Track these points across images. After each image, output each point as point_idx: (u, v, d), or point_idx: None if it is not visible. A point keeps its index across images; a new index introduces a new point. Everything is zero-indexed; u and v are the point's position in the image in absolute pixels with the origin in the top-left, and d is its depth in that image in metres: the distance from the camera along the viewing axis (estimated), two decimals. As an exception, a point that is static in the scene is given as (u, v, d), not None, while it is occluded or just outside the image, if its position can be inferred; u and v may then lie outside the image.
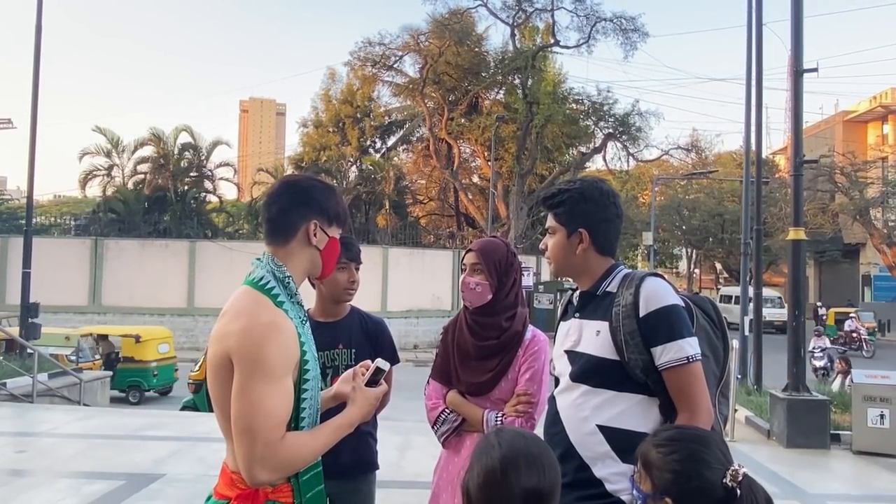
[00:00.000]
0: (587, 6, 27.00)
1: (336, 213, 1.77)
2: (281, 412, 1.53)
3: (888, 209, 30.99)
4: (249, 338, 1.52)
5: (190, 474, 5.76)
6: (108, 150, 29.03)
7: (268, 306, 1.59)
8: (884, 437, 6.99)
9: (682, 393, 1.80)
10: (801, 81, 8.14)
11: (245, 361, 1.51)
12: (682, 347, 1.80)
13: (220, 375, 1.58)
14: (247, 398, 1.49)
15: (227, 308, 1.64)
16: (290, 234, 1.70)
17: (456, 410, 2.37)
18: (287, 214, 1.70)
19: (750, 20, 12.35)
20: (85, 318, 21.59)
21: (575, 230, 1.98)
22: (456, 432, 2.37)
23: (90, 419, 8.54)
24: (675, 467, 1.35)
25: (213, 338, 1.62)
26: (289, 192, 1.73)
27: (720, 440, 1.41)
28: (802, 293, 8.14)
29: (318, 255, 1.75)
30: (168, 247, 23.55)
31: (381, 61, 29.98)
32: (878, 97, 40.68)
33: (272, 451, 1.49)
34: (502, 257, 2.38)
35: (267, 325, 1.54)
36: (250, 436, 1.48)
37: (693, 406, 1.79)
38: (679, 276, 58.56)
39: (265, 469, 1.49)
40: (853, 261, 39.10)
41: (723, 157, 42.50)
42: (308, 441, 1.59)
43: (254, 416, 1.48)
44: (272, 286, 1.64)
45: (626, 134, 29.38)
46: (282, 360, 1.54)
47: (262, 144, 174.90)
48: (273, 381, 1.52)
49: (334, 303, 2.61)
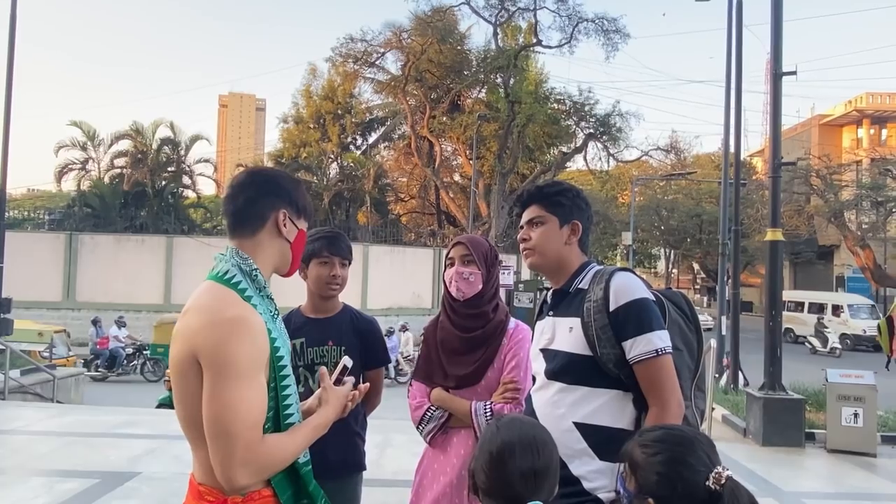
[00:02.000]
0: (569, 6, 27.16)
1: (304, 205, 1.72)
2: (257, 411, 1.46)
3: (862, 212, 31.56)
4: (216, 335, 1.44)
5: (165, 472, 5.67)
6: (84, 144, 28.63)
7: (234, 300, 1.51)
8: (857, 436, 7.11)
9: (653, 386, 1.80)
10: (779, 84, 8.23)
11: (213, 361, 1.43)
12: (652, 340, 1.81)
13: (185, 376, 1.48)
14: (220, 400, 1.42)
15: (189, 304, 1.57)
16: (259, 225, 1.63)
17: (442, 406, 2.38)
18: (254, 204, 1.63)
19: (730, 24, 12.49)
20: (58, 313, 21.27)
21: (569, 221, 2.02)
22: (442, 429, 2.37)
23: (63, 416, 8.39)
24: (659, 469, 1.36)
25: (175, 335, 1.53)
26: (256, 181, 1.66)
27: (707, 441, 1.41)
28: (779, 293, 8.25)
29: (289, 248, 1.68)
30: (144, 242, 23.25)
31: (363, 58, 29.85)
32: (853, 101, 41.43)
33: (253, 453, 1.42)
34: (488, 250, 2.46)
35: (233, 321, 1.46)
36: (229, 439, 1.41)
37: (663, 399, 1.79)
38: (657, 275, 59.16)
39: (246, 472, 1.43)
40: (827, 262, 39.79)
41: (701, 159, 43.05)
42: (286, 442, 1.53)
43: (230, 418, 1.41)
44: (238, 280, 1.56)
45: (606, 134, 29.57)
46: (251, 357, 1.46)
47: (241, 140, 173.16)
48: (245, 380, 1.44)
49: (321, 298, 2.58)
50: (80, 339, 20.66)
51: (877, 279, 30.91)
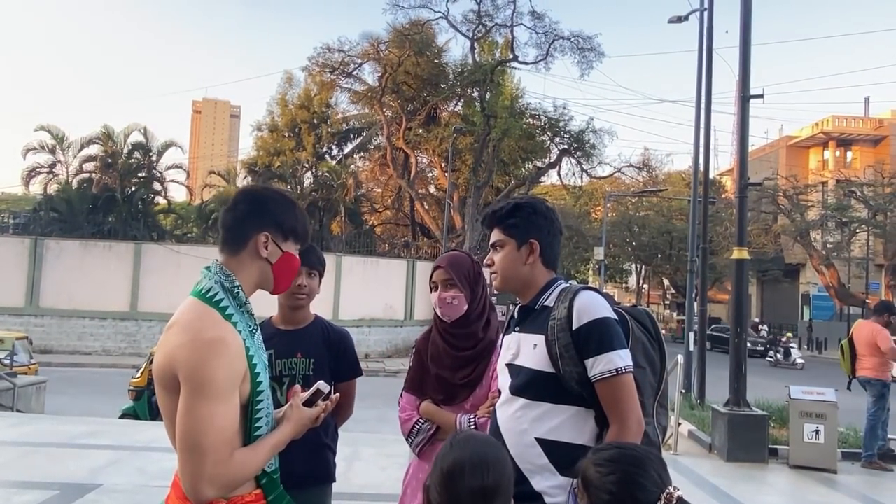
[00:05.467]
0: (546, 24, 27.50)
1: (293, 227, 1.74)
2: (228, 430, 1.52)
3: (827, 232, 32.32)
4: (194, 356, 1.50)
5: (128, 485, 5.55)
6: (53, 147, 28.07)
7: (214, 321, 1.56)
8: (819, 452, 7.25)
9: (613, 404, 1.83)
10: (747, 107, 8.43)
11: (190, 380, 1.49)
12: (613, 360, 1.83)
13: (166, 389, 1.55)
14: (193, 417, 1.48)
15: (174, 319, 1.61)
16: (241, 245, 1.68)
17: (430, 419, 2.40)
18: (240, 224, 1.68)
19: (701, 47, 12.77)
20: (21, 320, 20.75)
21: (525, 241, 2.03)
22: (430, 442, 2.40)
23: (23, 426, 8.18)
24: (611, 489, 1.38)
25: (159, 350, 1.59)
26: (245, 201, 1.71)
27: (658, 461, 1.44)
28: (745, 311, 8.40)
29: (270, 269, 1.72)
30: (112, 248, 22.81)
31: (339, 68, 29.83)
32: (819, 124, 42.52)
33: (222, 469, 1.49)
34: (470, 268, 2.45)
35: (211, 343, 1.51)
36: (198, 454, 1.47)
37: (622, 418, 1.82)
38: (628, 290, 59.76)
39: (213, 487, 1.49)
40: (793, 280, 40.63)
41: (672, 177, 43.78)
42: (251, 457, 1.58)
43: (201, 434, 1.47)
44: (220, 298, 1.61)
45: (580, 150, 29.90)
46: (227, 377, 1.52)
47: (214, 147, 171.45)
48: (219, 400, 1.50)
49: (290, 309, 2.56)
50: (43, 346, 20.20)
51: (841, 298, 31.63)
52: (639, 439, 1.82)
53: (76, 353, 21.08)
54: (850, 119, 42.53)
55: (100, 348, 21.46)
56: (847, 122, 42.24)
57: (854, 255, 31.97)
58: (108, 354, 21.16)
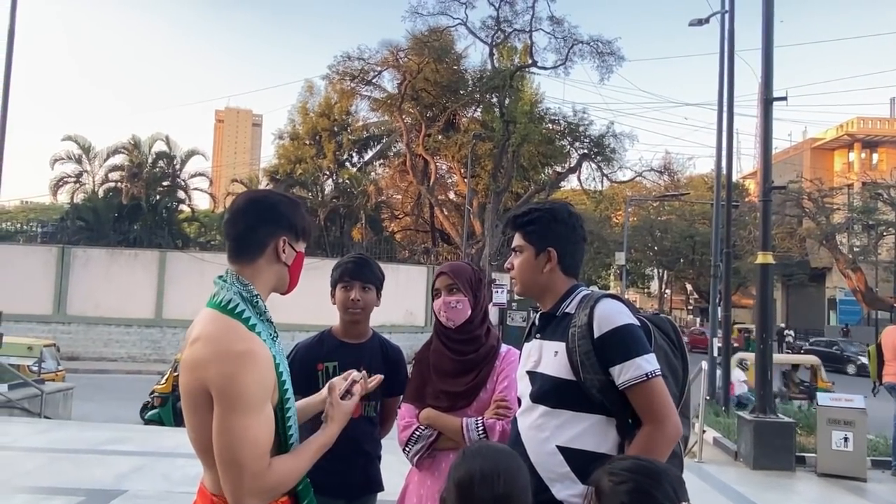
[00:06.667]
0: (565, 29, 27.42)
1: (303, 227, 1.75)
2: (264, 441, 1.53)
3: (853, 235, 31.78)
4: (226, 370, 1.49)
5: (152, 491, 5.61)
6: (80, 157, 28.62)
7: (241, 333, 1.56)
8: (847, 460, 7.10)
9: (648, 409, 1.80)
10: (770, 109, 8.33)
11: (223, 395, 1.49)
12: (640, 365, 1.81)
13: (195, 404, 1.55)
14: (230, 432, 1.49)
15: (197, 333, 1.59)
16: (258, 252, 1.67)
17: (432, 425, 2.35)
18: (255, 231, 1.67)
19: (722, 49, 12.67)
20: (49, 327, 21.11)
21: (543, 249, 2.02)
22: (429, 451, 2.35)
23: (51, 432, 8.31)
24: (624, 499, 1.37)
25: (185, 365, 1.58)
26: (256, 208, 1.69)
27: (676, 477, 1.42)
28: (770, 316, 8.28)
29: (286, 271, 1.72)
30: (137, 256, 23.16)
31: (359, 76, 30.01)
32: (844, 126, 41.90)
33: (261, 481, 1.51)
34: (471, 275, 2.47)
35: (241, 356, 1.51)
36: (237, 468, 1.49)
37: (659, 418, 1.79)
38: (650, 296, 59.26)
39: (255, 498, 1.51)
40: (819, 284, 39.98)
41: (695, 181, 43.33)
42: (292, 464, 1.60)
43: (239, 448, 1.48)
44: (241, 309, 1.60)
45: (600, 155, 29.74)
46: (259, 390, 1.53)
47: (236, 155, 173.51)
48: (252, 412, 1.50)
49: (349, 323, 2.65)
50: (70, 353, 20.52)
51: (868, 302, 31.05)
52: (673, 443, 1.80)
53: (102, 359, 21.41)
54: (876, 120, 41.86)
55: (125, 355, 21.77)
56: (872, 123, 41.59)
57: (881, 258, 31.41)
58: (133, 361, 21.45)
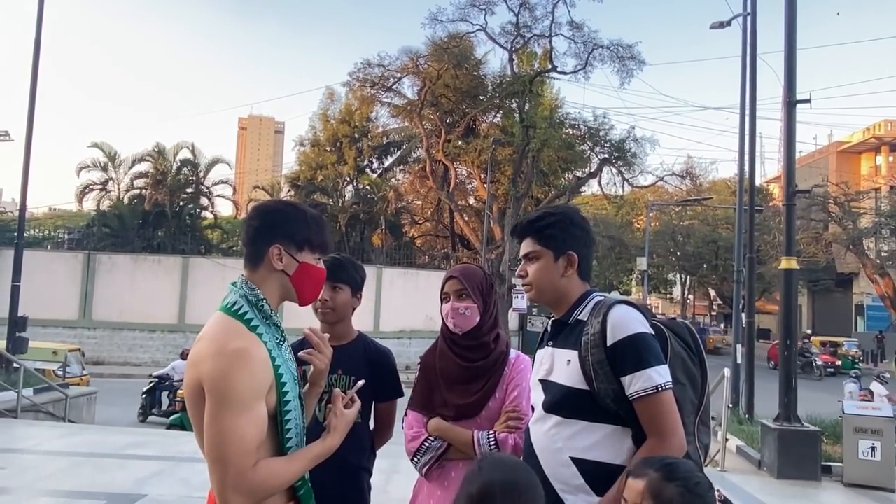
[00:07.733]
0: (585, 33, 27.26)
1: (307, 237, 1.75)
2: (250, 440, 1.53)
3: (881, 240, 31.17)
4: (217, 367, 1.53)
5: (171, 496, 5.66)
6: (105, 165, 29.08)
7: (238, 332, 1.60)
8: (874, 470, 6.94)
9: (654, 422, 1.76)
10: (793, 112, 8.20)
11: (214, 391, 1.52)
12: (651, 377, 1.76)
13: (194, 401, 1.59)
14: (216, 427, 1.51)
15: (202, 333, 1.65)
16: (259, 259, 1.72)
17: (442, 437, 2.28)
18: (255, 240, 1.73)
19: (744, 52, 12.53)
20: (74, 332, 21.47)
21: (563, 253, 1.97)
22: (438, 462, 2.29)
23: (74, 436, 8.43)
24: None
25: (188, 362, 1.63)
26: (256, 217, 1.75)
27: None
28: (794, 322, 8.13)
29: (289, 281, 1.74)
30: (161, 262, 23.47)
31: (379, 82, 30.14)
32: (871, 129, 41.15)
33: (243, 479, 1.51)
34: (482, 280, 2.40)
35: (234, 354, 1.54)
36: (222, 464, 1.51)
37: (665, 433, 1.74)
38: (673, 301, 58.65)
39: (237, 495, 1.51)
40: (846, 290, 39.24)
41: (717, 185, 42.84)
42: (281, 468, 1.60)
43: (224, 444, 1.50)
44: (244, 311, 1.65)
45: (621, 159, 29.50)
46: (251, 388, 1.54)
47: (259, 162, 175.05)
48: (242, 410, 1.52)
49: (325, 324, 2.55)
50: (95, 358, 20.83)
51: (897, 308, 30.40)
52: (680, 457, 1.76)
53: (126, 364, 21.71)
54: (904, 123, 41.03)
55: (149, 360, 22.06)
56: (901, 125, 40.76)
57: (911, 263, 30.72)
58: (156, 366, 21.64)
